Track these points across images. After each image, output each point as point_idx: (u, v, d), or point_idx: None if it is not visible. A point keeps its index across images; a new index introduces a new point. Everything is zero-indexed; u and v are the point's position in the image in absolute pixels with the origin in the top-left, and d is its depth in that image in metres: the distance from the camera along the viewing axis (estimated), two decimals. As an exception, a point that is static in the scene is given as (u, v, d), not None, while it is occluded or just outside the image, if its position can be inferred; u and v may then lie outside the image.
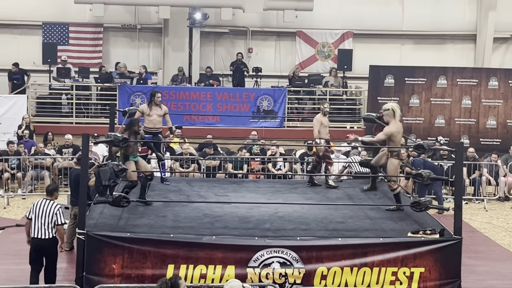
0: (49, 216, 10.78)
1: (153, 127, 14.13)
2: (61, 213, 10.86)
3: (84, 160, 10.78)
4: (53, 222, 10.77)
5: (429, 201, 11.28)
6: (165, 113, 14.28)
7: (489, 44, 24.72)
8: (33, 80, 22.89)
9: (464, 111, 22.35)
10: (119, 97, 22.01)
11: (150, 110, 14.09)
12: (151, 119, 14.10)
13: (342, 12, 24.85)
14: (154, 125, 14.14)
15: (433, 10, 25.08)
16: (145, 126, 14.07)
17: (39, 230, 10.78)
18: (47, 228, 10.77)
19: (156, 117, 14.12)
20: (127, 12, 24.40)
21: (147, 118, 14.11)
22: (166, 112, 14.31)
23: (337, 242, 10.58)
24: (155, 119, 14.12)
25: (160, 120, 14.22)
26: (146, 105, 14.33)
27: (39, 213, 10.81)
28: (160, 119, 14.20)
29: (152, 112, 14.09)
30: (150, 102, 14.19)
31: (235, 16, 23.77)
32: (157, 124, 14.17)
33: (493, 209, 17.87)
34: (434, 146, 13.62)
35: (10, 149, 18.37)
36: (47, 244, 10.82)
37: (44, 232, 10.77)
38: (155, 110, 14.12)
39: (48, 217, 10.78)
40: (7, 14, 23.85)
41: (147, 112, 14.09)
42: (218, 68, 24.73)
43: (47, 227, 10.76)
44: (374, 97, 22.27)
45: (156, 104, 14.13)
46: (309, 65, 25.02)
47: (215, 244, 10.40)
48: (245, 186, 14.35)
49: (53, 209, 10.83)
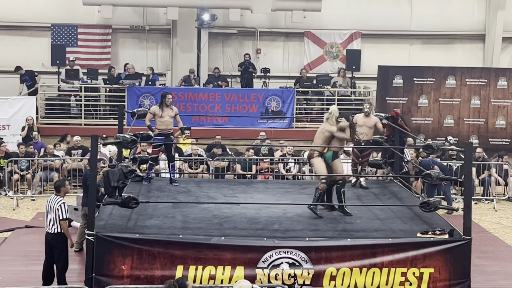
0: (54, 211, 11.16)
1: (165, 129, 14.14)
2: (62, 209, 11.13)
3: (92, 161, 10.80)
4: (57, 217, 11.12)
5: (438, 201, 11.25)
6: (176, 114, 14.30)
7: (498, 43, 24.67)
8: (42, 81, 22.93)
9: (473, 111, 22.30)
10: (128, 98, 22.05)
11: (162, 111, 14.09)
12: (163, 120, 14.09)
13: (350, 12, 24.84)
14: (166, 126, 14.14)
15: (441, 10, 25.04)
16: (157, 128, 14.10)
17: (48, 224, 11.21)
18: (54, 223, 11.15)
19: (168, 118, 14.12)
20: (135, 14, 24.44)
21: (158, 119, 14.10)
22: (176, 113, 14.32)
23: (346, 242, 10.57)
24: (167, 120, 14.12)
25: (172, 121, 14.23)
26: (157, 106, 14.29)
27: (48, 209, 11.28)
28: (171, 120, 14.20)
29: (164, 114, 14.08)
30: (161, 104, 14.18)
31: (243, 17, 23.78)
32: (169, 125, 14.18)
33: (502, 209, 17.83)
34: (443, 146, 13.59)
35: (21, 151, 18.42)
36: (52, 237, 11.19)
37: (51, 227, 11.17)
38: (166, 111, 14.11)
39: (53, 213, 11.16)
40: (16, 16, 23.92)
41: (159, 114, 14.08)
42: (227, 69, 24.75)
43: (54, 222, 11.15)
44: (382, 97, 22.25)
45: (167, 106, 14.14)
46: (318, 65, 25.02)
47: (224, 245, 10.40)
48: (254, 186, 14.34)
49: (56, 204, 11.17)
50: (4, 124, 21.03)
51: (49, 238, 11.22)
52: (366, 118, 14.23)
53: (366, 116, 14.25)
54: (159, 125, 14.12)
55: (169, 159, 14.44)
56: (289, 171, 18.23)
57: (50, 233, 11.19)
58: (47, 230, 11.22)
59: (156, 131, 14.13)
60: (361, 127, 14.14)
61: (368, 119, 14.23)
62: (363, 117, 14.25)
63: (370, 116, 14.27)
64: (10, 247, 13.74)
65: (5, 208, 17.08)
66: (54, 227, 11.12)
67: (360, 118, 14.25)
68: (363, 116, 14.26)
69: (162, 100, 14.20)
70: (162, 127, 14.11)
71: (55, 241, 11.18)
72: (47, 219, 11.24)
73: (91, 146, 10.67)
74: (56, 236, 11.15)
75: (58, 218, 11.10)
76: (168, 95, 14.22)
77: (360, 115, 14.35)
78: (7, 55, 23.91)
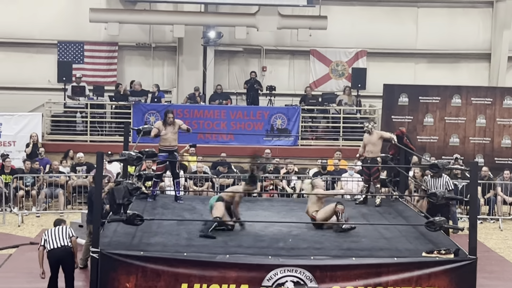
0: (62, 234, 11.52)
1: (168, 145, 14.14)
2: (72, 230, 11.72)
3: (98, 178, 10.81)
4: (67, 235, 11.53)
5: (443, 220, 11.22)
6: (180, 126, 14.27)
7: (504, 63, 24.69)
8: (48, 98, 22.98)
9: (479, 130, 22.28)
10: (134, 115, 22.08)
11: (165, 128, 14.11)
12: (166, 137, 14.11)
13: (356, 30, 24.89)
14: (170, 143, 14.14)
15: (447, 29, 25.09)
16: (160, 145, 14.10)
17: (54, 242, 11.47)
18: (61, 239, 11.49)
19: (170, 135, 14.12)
20: (142, 31, 24.53)
21: (162, 136, 14.11)
22: (179, 125, 14.29)
23: (351, 261, 10.53)
24: (170, 137, 14.12)
25: (175, 137, 14.22)
26: (161, 122, 14.32)
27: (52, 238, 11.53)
28: (175, 136, 14.19)
29: (166, 131, 14.10)
30: (165, 121, 14.22)
31: (249, 34, 23.85)
32: (172, 142, 14.17)
33: (508, 228, 17.77)
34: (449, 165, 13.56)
35: (26, 167, 18.45)
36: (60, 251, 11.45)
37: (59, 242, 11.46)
38: (169, 128, 14.13)
39: (62, 235, 11.50)
40: (23, 32, 24.01)
41: (162, 131, 14.11)
42: (232, 86, 24.79)
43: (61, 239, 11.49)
44: (388, 115, 22.24)
45: (168, 124, 14.15)
46: (323, 83, 25.04)
47: (228, 263, 10.37)
48: (259, 204, 14.32)
49: (65, 229, 11.67)
50: (10, 140, 21.09)
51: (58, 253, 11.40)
52: (370, 136, 14.22)
53: (369, 134, 14.24)
54: (162, 141, 14.13)
55: (173, 176, 14.43)
56: (294, 189, 18.20)
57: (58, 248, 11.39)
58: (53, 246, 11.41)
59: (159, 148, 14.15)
60: (367, 146, 14.16)
61: (371, 136, 14.23)
62: (367, 136, 14.25)
63: (373, 133, 14.26)
64: (15, 263, 13.73)
65: (10, 225, 17.09)
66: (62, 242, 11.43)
67: (365, 136, 14.27)
68: (367, 135, 14.26)
69: (165, 118, 14.25)
70: (165, 144, 14.13)
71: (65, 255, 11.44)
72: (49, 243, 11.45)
73: (97, 163, 10.67)
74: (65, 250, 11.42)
75: (68, 235, 11.51)
76: (168, 114, 14.18)
77: (365, 134, 14.36)
78: (13, 71, 24.00)
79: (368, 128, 14.25)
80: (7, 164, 18.44)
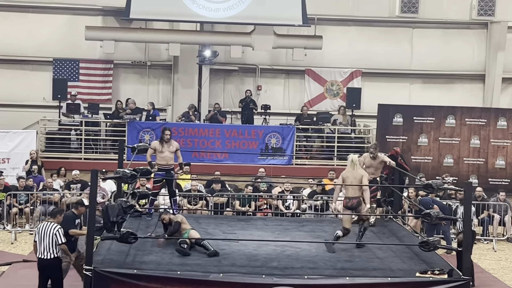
0: (50, 237, 11.46)
1: (165, 164, 14.15)
2: (60, 234, 11.52)
3: (92, 196, 10.80)
4: (54, 242, 11.46)
5: (437, 241, 11.22)
6: (177, 149, 14.31)
7: (498, 84, 24.79)
8: (43, 115, 22.97)
9: (473, 151, 22.32)
10: (128, 133, 22.09)
11: (162, 147, 14.11)
12: (163, 156, 14.11)
13: (351, 50, 24.98)
14: (167, 161, 14.16)
15: (441, 50, 25.19)
16: (157, 163, 14.11)
17: (43, 251, 11.49)
18: (49, 249, 11.45)
19: (168, 153, 14.14)
20: (137, 49, 24.58)
21: (159, 155, 14.11)
22: (177, 148, 14.33)
23: (345, 281, 10.52)
24: (167, 156, 14.14)
25: (172, 156, 14.24)
26: (157, 142, 14.31)
27: (42, 235, 11.53)
28: (172, 155, 14.21)
29: (163, 149, 14.10)
30: (161, 139, 14.21)
31: (245, 53, 23.91)
32: (169, 161, 14.19)
33: (502, 249, 17.77)
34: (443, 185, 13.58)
35: (20, 184, 18.41)
36: (48, 264, 11.48)
37: (46, 253, 11.46)
38: (166, 147, 14.14)
39: (49, 238, 11.46)
40: (18, 50, 24.04)
41: (159, 149, 14.11)
42: (227, 105, 24.82)
43: (49, 248, 11.46)
44: (382, 135, 22.28)
45: (165, 141, 14.15)
46: (318, 103, 25.09)
47: (222, 282, 10.35)
48: (253, 223, 14.32)
49: (53, 230, 11.50)
50: (4, 157, 21.05)
51: (45, 265, 11.47)
52: (372, 160, 14.18)
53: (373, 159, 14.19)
54: (159, 160, 14.12)
55: (170, 194, 14.43)
56: (288, 208, 18.20)
57: (45, 259, 11.43)
58: (41, 257, 11.48)
59: (156, 167, 14.13)
60: (368, 168, 14.11)
61: (373, 161, 14.19)
62: (369, 159, 14.20)
63: (376, 158, 14.21)
64: (8, 281, 13.67)
65: (3, 242, 17.03)
66: (49, 253, 11.42)
67: (368, 159, 14.21)
68: (369, 158, 14.21)
69: (161, 136, 14.25)
70: (162, 163, 14.12)
71: (51, 267, 11.46)
72: (40, 246, 11.49)
73: (91, 181, 10.67)
74: (51, 263, 11.43)
75: (56, 243, 11.44)
76: (166, 131, 14.21)
77: (366, 155, 14.33)
78: (8, 88, 24.02)
79: (374, 154, 14.19)
80: (0, 181, 18.39)
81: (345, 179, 12.71)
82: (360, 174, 12.68)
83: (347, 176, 12.67)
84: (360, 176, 12.66)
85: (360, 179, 12.65)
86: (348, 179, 12.67)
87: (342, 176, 12.74)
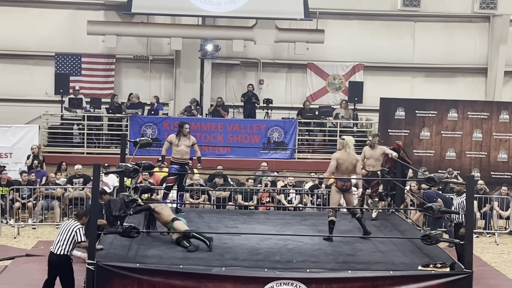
0: (68, 233, 11.35)
1: (180, 158, 14.28)
2: (80, 233, 11.37)
3: (94, 190, 10.82)
4: (72, 239, 11.30)
5: (439, 234, 11.24)
6: (193, 144, 14.45)
7: (500, 77, 24.75)
8: (45, 110, 22.99)
9: (475, 144, 22.31)
10: (130, 127, 22.09)
11: (179, 140, 14.24)
12: (178, 149, 14.25)
13: (353, 44, 24.95)
14: (182, 155, 14.28)
15: (444, 44, 25.15)
16: (173, 157, 14.23)
17: (56, 244, 11.38)
18: (63, 245, 11.31)
19: (184, 147, 14.27)
20: (139, 44, 24.57)
21: (175, 148, 14.27)
22: (194, 142, 14.51)
23: (347, 274, 10.53)
24: (183, 150, 14.27)
25: (188, 151, 14.38)
26: (174, 135, 14.48)
27: (61, 230, 11.47)
28: (188, 149, 14.36)
29: (180, 143, 14.26)
30: (179, 133, 14.35)
31: (247, 48, 23.90)
32: (184, 155, 14.32)
33: (504, 243, 17.78)
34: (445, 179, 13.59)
35: (23, 179, 18.44)
36: (55, 259, 11.34)
37: (58, 248, 11.32)
38: (183, 141, 14.28)
39: (67, 234, 11.34)
40: (20, 44, 24.04)
41: (176, 143, 14.25)
42: (229, 99, 24.81)
43: (62, 244, 11.31)
44: (384, 129, 22.27)
45: (184, 135, 14.28)
46: (320, 97, 25.08)
47: (224, 275, 10.37)
48: (255, 217, 14.34)
49: (73, 227, 11.40)
50: (6, 152, 21.08)
51: (54, 260, 11.35)
52: (372, 150, 14.24)
53: (371, 148, 14.26)
54: (175, 154, 14.28)
55: (179, 188, 14.51)
56: (291, 202, 18.22)
57: (55, 254, 11.32)
58: (53, 250, 11.35)
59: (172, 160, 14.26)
60: (368, 160, 14.15)
61: (374, 150, 14.24)
62: (369, 150, 14.27)
63: (376, 147, 14.27)
64: (10, 275, 13.69)
65: (6, 236, 17.06)
66: (60, 249, 11.28)
67: (367, 150, 14.27)
68: (369, 149, 14.28)
69: (179, 130, 14.37)
70: (178, 156, 14.27)
71: (60, 263, 11.31)
72: (56, 239, 11.39)
73: (93, 175, 10.68)
74: (61, 259, 11.28)
75: (75, 241, 11.31)
76: (185, 125, 14.39)
77: (366, 147, 14.38)
78: (11, 83, 23.99)
79: (372, 142, 14.25)
80: (3, 176, 18.42)
81: (340, 163, 12.64)
82: (355, 159, 12.77)
83: (342, 159, 12.63)
84: (355, 160, 12.74)
85: (355, 164, 12.73)
86: (343, 163, 12.64)
87: (337, 159, 12.66)
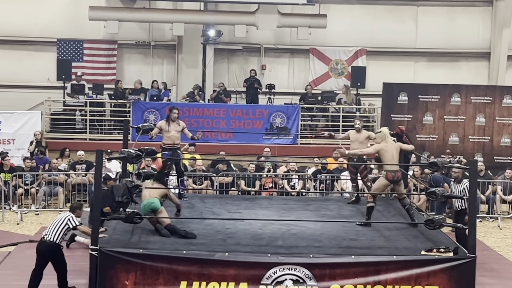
0: (60, 222, 11.34)
1: (171, 143, 14.17)
2: (73, 219, 11.37)
3: (97, 176, 10.81)
4: (63, 227, 11.27)
5: (443, 218, 11.23)
6: (183, 128, 14.31)
7: (503, 61, 24.67)
8: (47, 96, 22.97)
9: (478, 129, 22.28)
10: (133, 113, 22.08)
11: (168, 126, 14.12)
12: (169, 135, 14.12)
13: (355, 29, 24.87)
14: (173, 141, 14.17)
15: (446, 28, 25.07)
16: (164, 143, 14.13)
17: (46, 232, 11.36)
18: (52, 232, 11.28)
19: (174, 133, 14.16)
20: (141, 29, 24.51)
21: (165, 134, 14.13)
22: (184, 127, 14.34)
23: (350, 259, 10.55)
24: (174, 135, 14.15)
25: (179, 136, 14.25)
26: (164, 121, 14.32)
27: (54, 221, 11.44)
28: (178, 135, 14.23)
29: (170, 128, 14.12)
30: (168, 118, 14.21)
31: (249, 33, 23.85)
32: (175, 140, 14.21)
33: (507, 227, 17.78)
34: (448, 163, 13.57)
35: (26, 165, 18.45)
36: (47, 246, 11.30)
37: (49, 235, 11.29)
38: (173, 126, 14.16)
39: (59, 224, 11.32)
40: (22, 31, 23.99)
41: (166, 128, 14.11)
42: (232, 84, 24.77)
43: (53, 231, 11.28)
44: (387, 114, 22.24)
45: (173, 120, 14.16)
46: (322, 82, 25.03)
47: (227, 261, 10.39)
48: (258, 203, 14.35)
49: (66, 216, 11.41)
50: (9, 138, 21.09)
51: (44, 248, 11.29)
52: (357, 134, 14.21)
53: (357, 131, 14.22)
54: (165, 139, 14.14)
55: (178, 174, 14.46)
56: (294, 188, 18.22)
57: (45, 241, 11.27)
58: (43, 238, 11.30)
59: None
60: (353, 143, 14.13)
61: (359, 134, 14.21)
62: (354, 133, 14.23)
63: (361, 131, 14.26)
64: (14, 261, 13.72)
65: (9, 223, 17.09)
66: (51, 236, 11.24)
67: (352, 133, 14.25)
68: (354, 132, 14.24)
69: (168, 115, 14.24)
70: (169, 142, 14.14)
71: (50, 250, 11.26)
72: (47, 228, 11.39)
73: (96, 161, 10.69)
74: (52, 245, 11.24)
75: (69, 227, 11.29)
76: (173, 110, 14.25)
77: (352, 131, 14.34)
78: (13, 69, 23.98)
79: (358, 125, 14.22)
80: (6, 162, 18.44)
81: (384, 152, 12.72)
82: (398, 146, 12.92)
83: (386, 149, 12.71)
84: (398, 147, 12.88)
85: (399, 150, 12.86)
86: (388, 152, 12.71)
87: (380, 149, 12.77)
